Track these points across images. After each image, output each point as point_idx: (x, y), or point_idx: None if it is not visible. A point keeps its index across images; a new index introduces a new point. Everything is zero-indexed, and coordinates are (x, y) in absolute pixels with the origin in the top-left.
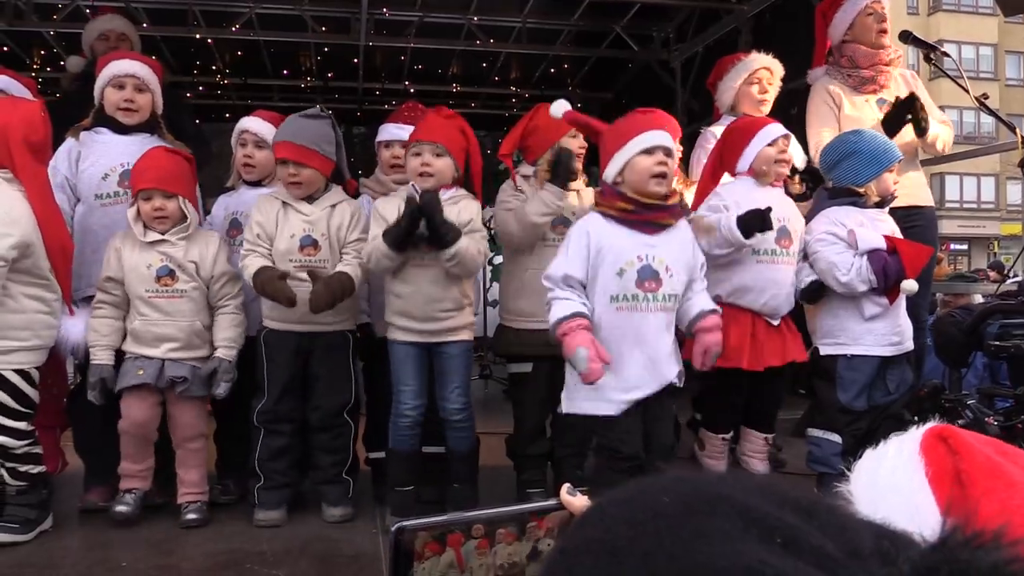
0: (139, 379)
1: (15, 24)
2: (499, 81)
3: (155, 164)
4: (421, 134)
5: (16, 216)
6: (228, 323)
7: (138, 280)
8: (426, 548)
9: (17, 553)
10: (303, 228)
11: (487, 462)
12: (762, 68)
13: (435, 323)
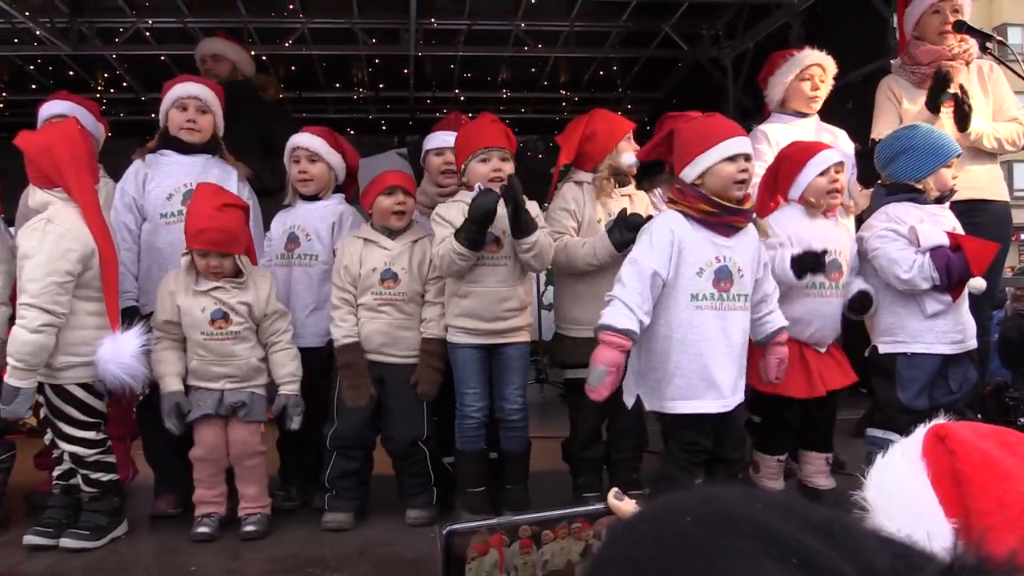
0: (201, 410)
1: (79, 48)
2: (548, 85)
3: (212, 225)
4: (488, 140)
5: (77, 232)
6: (286, 358)
7: (193, 324)
8: (472, 549)
9: (90, 558)
10: (384, 261)
11: (543, 466)
12: (814, 64)
13: (500, 323)
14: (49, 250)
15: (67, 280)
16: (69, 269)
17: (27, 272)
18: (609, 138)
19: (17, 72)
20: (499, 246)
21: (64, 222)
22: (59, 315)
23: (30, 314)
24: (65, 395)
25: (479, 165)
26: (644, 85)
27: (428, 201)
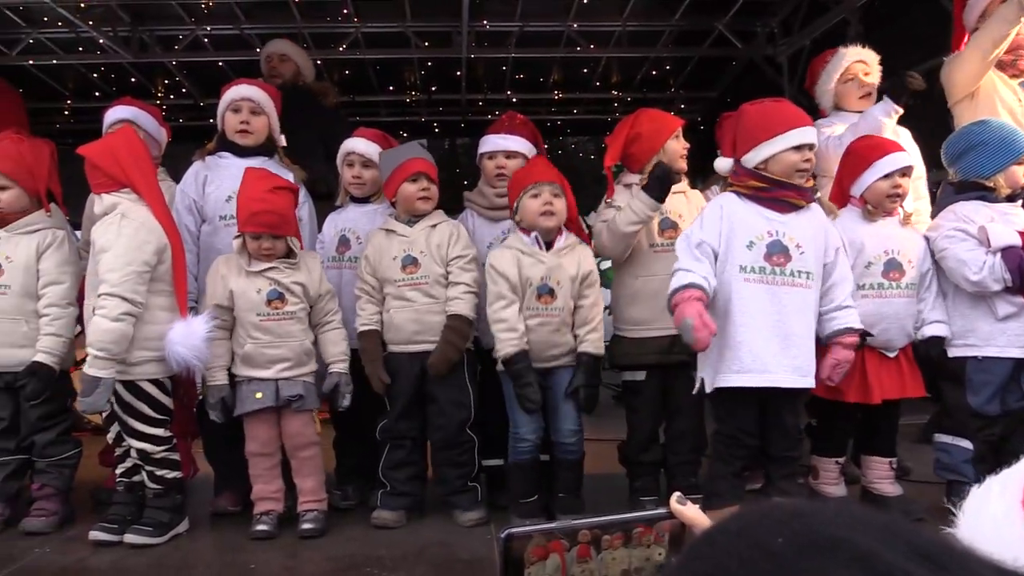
0: (259, 403)
1: (140, 56)
2: (600, 86)
3: (264, 208)
4: (538, 176)
5: (152, 226)
6: (337, 338)
7: (249, 306)
8: (531, 553)
9: (153, 554)
10: (403, 248)
11: (597, 469)
12: (855, 62)
13: (546, 364)
14: (127, 242)
15: (145, 270)
16: (147, 260)
17: (106, 263)
18: (655, 138)
19: (81, 80)
20: (553, 297)
21: (138, 216)
22: (138, 304)
23: (110, 303)
24: (137, 391)
25: (531, 201)
26: (697, 84)
27: (486, 203)
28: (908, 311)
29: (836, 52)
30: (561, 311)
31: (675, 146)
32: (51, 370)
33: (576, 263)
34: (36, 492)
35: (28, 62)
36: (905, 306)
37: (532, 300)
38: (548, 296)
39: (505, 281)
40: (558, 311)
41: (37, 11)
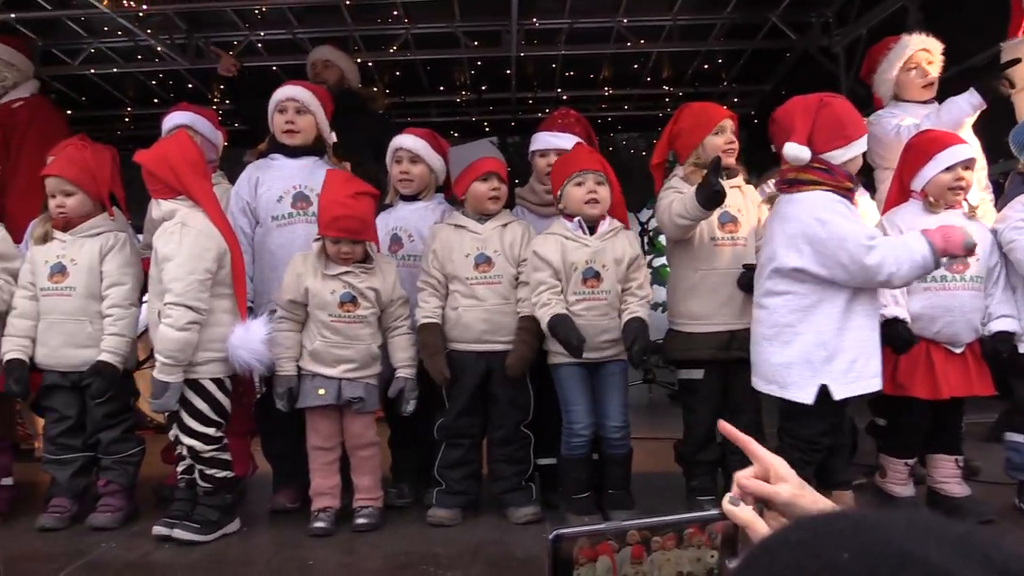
0: (321, 400)
1: (196, 62)
2: (651, 81)
3: (347, 213)
4: (583, 164)
5: (211, 232)
6: (405, 343)
7: (321, 306)
8: (580, 554)
9: (213, 549)
10: (476, 247)
11: (652, 468)
12: (919, 50)
13: (597, 352)
14: (188, 250)
15: (207, 277)
16: (208, 267)
17: (169, 272)
18: (693, 134)
19: (140, 87)
20: (599, 281)
21: (197, 224)
22: (202, 311)
23: (176, 312)
24: (199, 389)
25: (575, 189)
26: (750, 78)
27: (537, 200)
28: (974, 305)
29: (899, 40)
30: (608, 294)
31: (715, 142)
32: (115, 369)
33: (621, 247)
34: (102, 489)
35: (90, 71)
36: (970, 300)
37: (578, 284)
38: (594, 279)
39: (548, 267)
40: (605, 294)
41: (98, 21)
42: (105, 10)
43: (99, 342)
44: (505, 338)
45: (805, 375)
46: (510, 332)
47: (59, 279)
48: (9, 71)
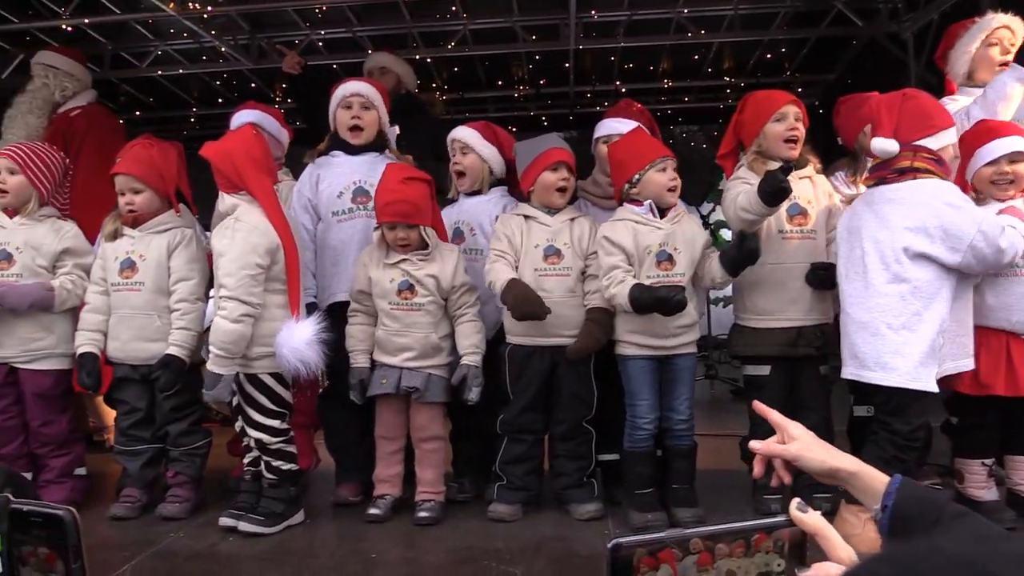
0: (383, 388)
1: (259, 62)
2: (712, 72)
3: (398, 198)
4: (663, 150)
5: (263, 228)
6: (471, 330)
7: (382, 294)
8: (641, 563)
9: (278, 540)
10: (546, 238)
11: (716, 464)
12: (1002, 27)
13: (673, 339)
14: (240, 246)
15: (258, 272)
16: (259, 262)
17: (223, 268)
18: (754, 122)
19: (205, 88)
20: (673, 263)
21: (250, 220)
22: (255, 305)
23: (229, 305)
24: (257, 383)
25: (658, 175)
26: (815, 67)
27: (600, 192)
28: None
29: (983, 16)
30: (683, 277)
31: (775, 129)
32: (182, 363)
33: (691, 229)
34: (170, 480)
35: (157, 73)
36: None
37: (652, 267)
38: (667, 262)
39: (620, 251)
40: (680, 276)
41: (164, 24)
42: (171, 13)
43: (167, 336)
44: (570, 331)
45: (929, 363)
46: (575, 326)
47: (129, 274)
48: (69, 81)
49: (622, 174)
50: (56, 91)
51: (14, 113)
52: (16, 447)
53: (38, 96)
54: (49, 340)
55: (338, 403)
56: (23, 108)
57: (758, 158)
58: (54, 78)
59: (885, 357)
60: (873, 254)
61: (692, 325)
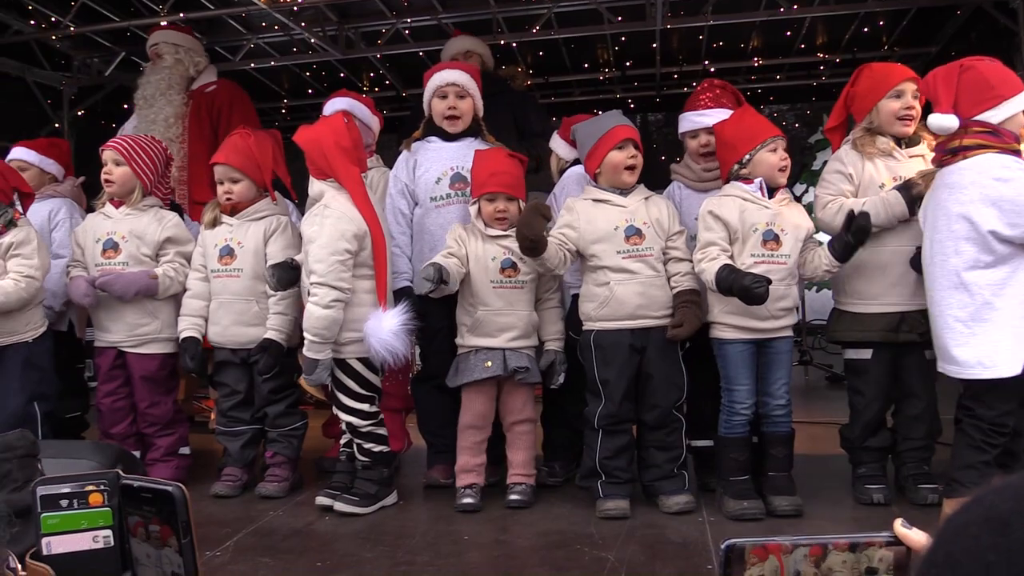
0: (488, 372)
1: (348, 52)
2: (805, 49)
3: (502, 169)
4: (775, 129)
5: (351, 215)
6: (556, 316)
7: (483, 271)
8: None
9: (372, 521)
10: (624, 219)
11: (812, 451)
12: None
13: (773, 321)
14: (329, 232)
15: (347, 258)
16: (347, 247)
17: (313, 254)
18: (869, 96)
19: (295, 80)
20: (779, 244)
21: (338, 206)
22: (345, 291)
23: (321, 291)
24: (346, 368)
25: (769, 154)
26: (915, 39)
27: (693, 176)
28: None
29: None
30: (788, 259)
31: (890, 106)
32: (280, 346)
33: (799, 215)
34: (269, 460)
35: (249, 66)
36: None
37: (757, 246)
38: (774, 242)
39: (723, 227)
40: (784, 258)
41: (256, 18)
42: (263, 6)
43: (265, 321)
44: (658, 313)
45: (1004, 348)
46: (663, 307)
47: (228, 261)
48: (200, 58)
49: (732, 154)
50: (190, 67)
51: (152, 92)
52: (125, 427)
53: (175, 73)
54: (154, 325)
55: (430, 386)
56: (162, 86)
57: (866, 135)
58: (184, 54)
59: (953, 349)
60: (937, 241)
61: (792, 308)
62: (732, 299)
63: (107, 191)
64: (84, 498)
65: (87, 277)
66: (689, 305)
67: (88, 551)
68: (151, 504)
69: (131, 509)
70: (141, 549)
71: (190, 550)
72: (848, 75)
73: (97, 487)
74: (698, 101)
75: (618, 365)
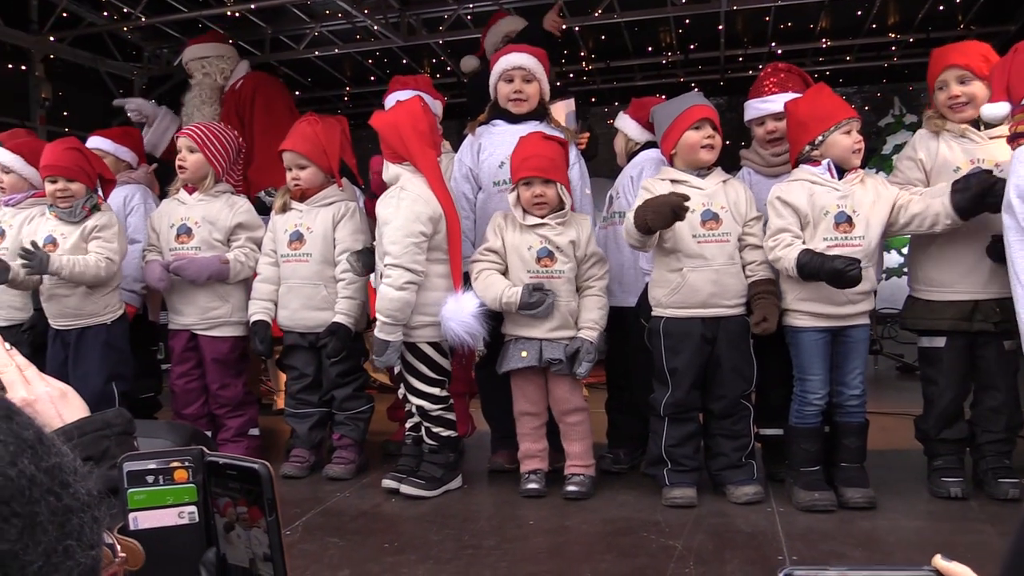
0: (523, 361)
1: (409, 39)
2: (876, 29)
3: (535, 152)
4: (850, 111)
5: (427, 198)
6: (594, 304)
7: (520, 262)
8: None
9: (438, 503)
10: (701, 202)
11: (885, 444)
12: None
13: (850, 306)
14: (404, 215)
15: (422, 240)
16: (423, 230)
17: (388, 236)
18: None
19: (357, 67)
20: (852, 226)
21: (414, 189)
22: (419, 273)
23: (395, 273)
24: (417, 352)
25: (843, 137)
26: (993, 18)
27: (762, 161)
28: None
29: None
30: (862, 240)
31: (938, 98)
32: (348, 330)
33: (874, 191)
34: (336, 442)
35: (313, 54)
36: None
37: (829, 229)
38: (847, 224)
39: (792, 213)
40: (859, 240)
41: (320, 6)
42: None
43: (333, 305)
44: (730, 301)
45: None
46: (736, 296)
47: (297, 246)
48: (224, 63)
49: (803, 135)
50: (218, 76)
51: (189, 110)
52: (198, 407)
53: (204, 87)
54: (225, 309)
55: (494, 371)
56: (195, 103)
57: (936, 116)
58: (210, 66)
59: None
60: (1009, 228)
61: (870, 292)
62: (808, 285)
63: (181, 177)
64: (170, 474)
65: (162, 262)
66: (768, 296)
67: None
68: (236, 481)
69: (218, 487)
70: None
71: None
72: (922, 56)
73: (182, 464)
74: (762, 87)
75: (688, 354)
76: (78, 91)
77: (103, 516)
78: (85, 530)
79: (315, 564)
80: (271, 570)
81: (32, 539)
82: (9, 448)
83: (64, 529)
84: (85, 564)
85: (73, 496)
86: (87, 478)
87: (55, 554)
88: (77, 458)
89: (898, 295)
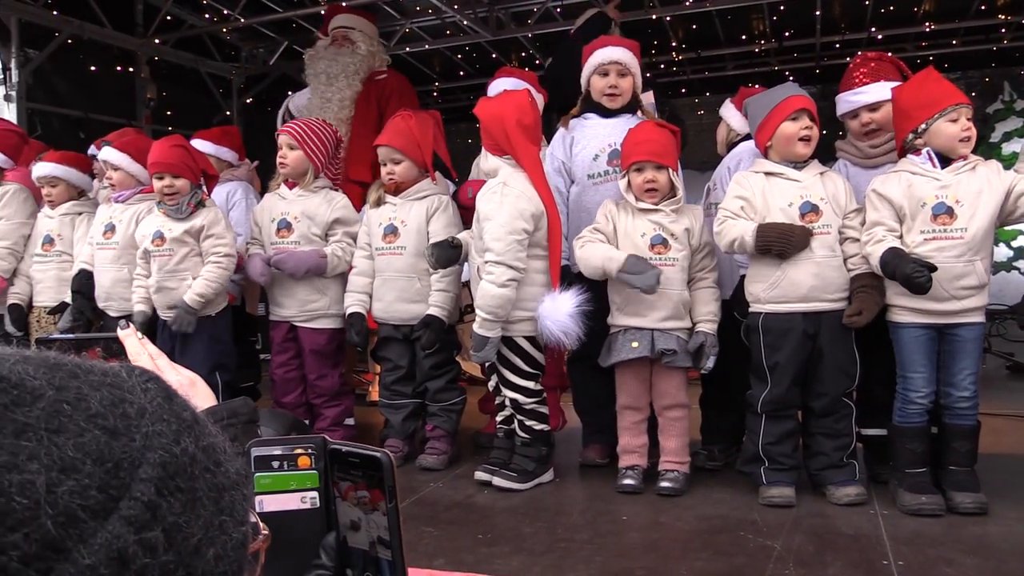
0: (635, 352)
1: (498, 33)
2: (985, 11)
3: (648, 137)
4: (958, 96)
5: (530, 194)
6: (709, 296)
7: (632, 248)
8: None
9: (530, 496)
10: (799, 195)
11: (995, 448)
12: None
13: (955, 303)
14: (508, 211)
15: (524, 237)
16: (525, 227)
17: (490, 232)
18: None
19: (447, 63)
20: (952, 217)
21: (518, 185)
22: (520, 270)
23: (497, 270)
24: (513, 346)
25: (947, 124)
26: None
27: (859, 153)
28: None
29: None
30: (965, 233)
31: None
32: (442, 323)
33: (981, 180)
34: (429, 433)
35: (404, 50)
36: None
37: (927, 221)
38: (946, 216)
39: (887, 206)
40: (960, 232)
41: (411, 2)
42: None
43: (427, 297)
44: (833, 295)
45: None
46: (838, 289)
47: (391, 239)
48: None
49: (906, 123)
50: (377, 61)
51: (337, 72)
52: (296, 397)
53: (365, 62)
54: (323, 302)
55: (587, 365)
56: (349, 69)
57: None
58: (377, 47)
59: None
60: None
61: (978, 286)
62: None
63: (281, 173)
64: (293, 460)
65: (263, 256)
66: (868, 290)
67: (296, 511)
68: (358, 469)
69: (340, 474)
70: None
71: (395, 514)
72: None
73: (305, 451)
74: (852, 79)
75: (788, 350)
76: (181, 91)
77: (250, 494)
78: (236, 506)
79: (411, 552)
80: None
81: (193, 513)
82: (172, 427)
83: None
84: (236, 539)
85: (225, 474)
86: (235, 458)
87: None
88: (226, 439)
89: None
